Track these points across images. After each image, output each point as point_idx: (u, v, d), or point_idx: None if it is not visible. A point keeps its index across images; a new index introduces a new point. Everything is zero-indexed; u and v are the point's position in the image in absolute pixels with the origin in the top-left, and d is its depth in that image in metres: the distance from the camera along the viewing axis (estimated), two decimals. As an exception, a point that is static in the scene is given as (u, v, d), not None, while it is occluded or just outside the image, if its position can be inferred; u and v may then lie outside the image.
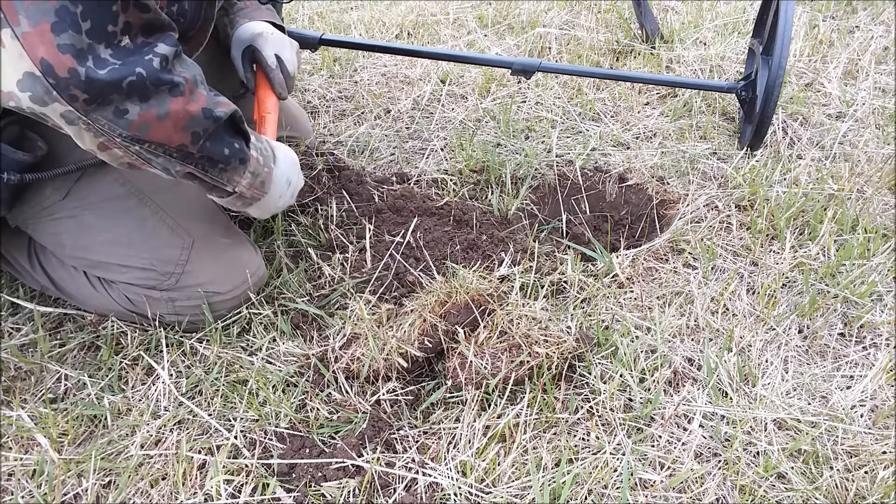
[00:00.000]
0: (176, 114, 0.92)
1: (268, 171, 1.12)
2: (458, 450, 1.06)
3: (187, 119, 0.94)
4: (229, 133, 1.03)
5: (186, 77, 0.94)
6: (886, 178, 1.65)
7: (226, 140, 1.02)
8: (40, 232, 1.20)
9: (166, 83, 0.90)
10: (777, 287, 1.35)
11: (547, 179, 1.68)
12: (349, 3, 2.73)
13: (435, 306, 1.17)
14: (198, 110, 0.95)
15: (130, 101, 0.88)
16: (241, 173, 1.08)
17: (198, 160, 0.99)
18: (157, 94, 0.90)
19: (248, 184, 1.10)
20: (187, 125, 0.94)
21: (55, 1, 0.80)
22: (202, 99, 0.96)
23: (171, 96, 0.91)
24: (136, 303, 1.22)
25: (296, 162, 1.24)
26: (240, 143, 1.05)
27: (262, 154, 1.11)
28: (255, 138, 1.11)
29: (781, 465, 1.03)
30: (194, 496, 1.00)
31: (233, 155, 1.04)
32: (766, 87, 1.59)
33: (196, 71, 0.98)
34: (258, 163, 1.10)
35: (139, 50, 0.88)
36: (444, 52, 1.80)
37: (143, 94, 0.89)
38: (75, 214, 1.16)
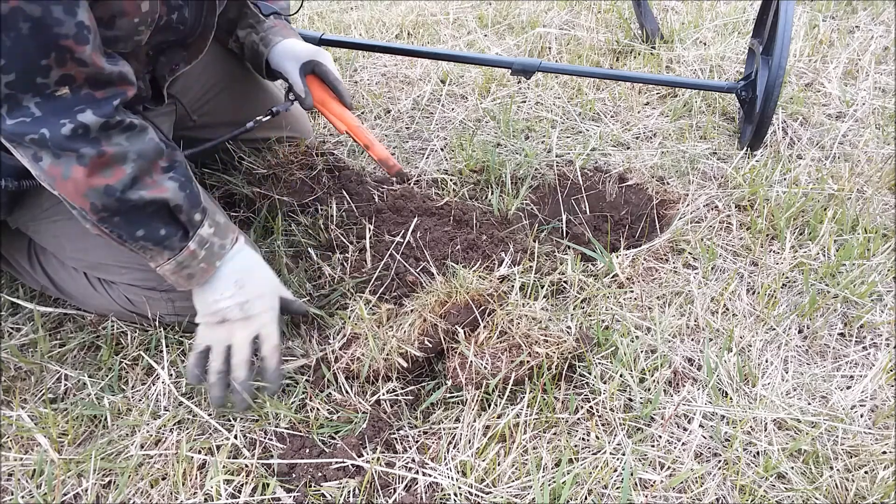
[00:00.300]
0: (76, 181, 0.94)
1: (205, 267, 1.07)
2: (458, 450, 1.06)
3: (87, 189, 0.95)
4: (154, 218, 1.02)
5: (107, 151, 0.94)
6: (886, 178, 1.65)
7: (144, 222, 1.01)
8: (40, 234, 1.20)
9: (71, 150, 0.92)
10: (777, 287, 1.35)
11: (547, 179, 1.68)
12: (349, 3, 2.73)
13: (435, 306, 1.17)
14: (101, 185, 0.95)
15: (44, 153, 0.92)
16: (165, 258, 1.05)
17: (106, 229, 1.00)
18: (65, 157, 0.92)
19: (170, 269, 1.06)
20: (86, 194, 0.95)
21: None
22: (116, 176, 0.95)
23: (76, 163, 0.93)
24: (136, 303, 1.22)
25: (266, 279, 1.15)
26: (169, 230, 1.03)
27: (208, 251, 1.06)
28: (214, 232, 1.07)
29: (781, 465, 1.03)
30: (194, 496, 1.00)
31: (151, 240, 1.02)
32: (766, 87, 1.60)
33: (135, 148, 0.97)
34: (192, 256, 1.05)
35: (68, 107, 0.90)
36: (444, 52, 1.80)
37: (52, 151, 0.92)
38: (74, 216, 1.16)
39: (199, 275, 1.07)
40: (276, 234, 1.45)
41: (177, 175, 1.03)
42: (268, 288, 1.14)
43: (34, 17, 0.83)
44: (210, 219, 1.08)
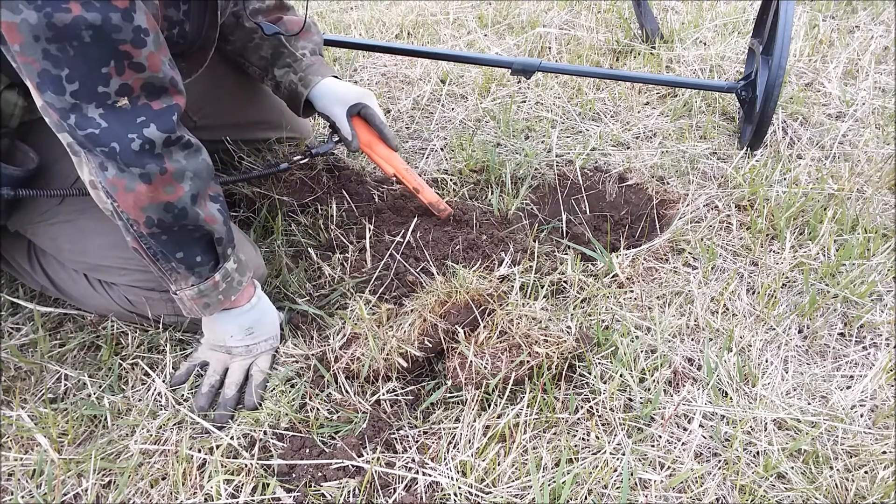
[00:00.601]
0: (139, 195, 0.96)
1: (221, 299, 1.10)
2: (458, 450, 1.06)
3: (148, 203, 0.97)
4: (197, 243, 1.05)
5: (169, 168, 0.96)
6: (886, 178, 1.65)
7: (188, 245, 1.04)
8: (39, 236, 1.20)
9: (137, 167, 0.94)
10: (777, 287, 1.35)
11: (547, 179, 1.68)
12: (349, 3, 2.73)
13: (435, 306, 1.17)
14: (162, 201, 0.97)
15: (111, 163, 0.94)
16: (189, 284, 1.07)
17: (149, 244, 1.02)
18: (131, 173, 0.94)
19: (190, 296, 1.08)
20: (146, 207, 0.97)
21: (38, 64, 0.85)
22: (177, 194, 0.98)
23: (141, 181, 0.95)
24: (136, 304, 1.22)
25: (272, 324, 1.20)
26: (205, 258, 1.06)
27: (228, 284, 1.10)
28: (236, 268, 1.11)
29: (781, 465, 1.03)
30: (194, 496, 1.00)
31: (186, 262, 1.04)
32: (766, 87, 1.59)
33: (191, 167, 0.99)
34: (214, 287, 1.08)
35: (133, 115, 0.92)
36: (444, 52, 1.80)
37: (119, 165, 0.93)
38: (72, 219, 1.16)
39: (215, 306, 1.10)
40: (276, 234, 1.45)
41: (222, 207, 1.07)
42: (273, 332, 1.21)
43: (95, 26, 0.84)
44: (235, 255, 1.11)
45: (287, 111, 1.58)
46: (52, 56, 0.85)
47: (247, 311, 1.15)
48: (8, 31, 0.83)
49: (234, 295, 1.12)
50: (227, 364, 1.18)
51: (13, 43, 0.84)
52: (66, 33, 0.83)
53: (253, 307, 1.16)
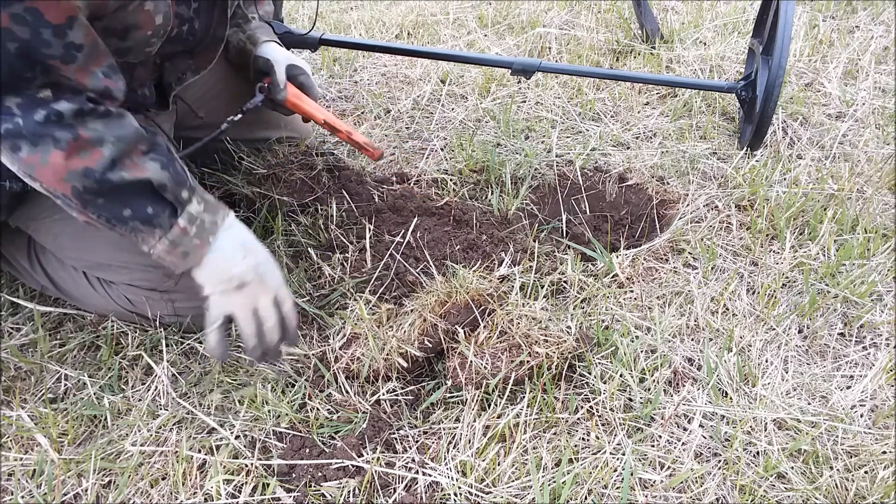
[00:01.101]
0: (54, 165, 0.94)
1: (198, 243, 1.05)
2: (458, 450, 1.06)
3: (66, 172, 0.95)
4: (140, 197, 1.01)
5: (82, 135, 0.94)
6: (886, 178, 1.65)
7: (129, 202, 1.00)
8: (41, 233, 1.20)
9: (46, 135, 0.92)
10: (777, 287, 1.35)
11: (547, 179, 1.68)
12: (349, 3, 2.73)
13: (435, 306, 1.17)
14: (79, 167, 0.95)
15: (21, 141, 0.91)
16: (156, 237, 1.03)
17: (92, 213, 0.99)
18: (42, 143, 0.92)
19: (164, 249, 1.04)
20: (66, 178, 0.95)
21: None
22: (93, 159, 0.95)
23: (53, 148, 0.93)
24: (136, 303, 1.22)
25: (262, 248, 1.12)
26: (157, 209, 1.02)
27: (199, 227, 1.05)
28: (204, 209, 1.06)
29: (781, 465, 1.03)
30: (194, 496, 1.00)
31: (139, 219, 1.01)
32: (766, 87, 1.59)
33: (112, 133, 0.97)
34: (184, 234, 1.04)
35: (47, 103, 0.91)
36: (444, 52, 1.80)
37: (30, 139, 0.91)
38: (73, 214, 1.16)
39: (194, 252, 1.06)
40: (276, 234, 1.45)
41: (157, 156, 1.02)
42: (268, 257, 1.13)
43: (23, 39, 0.85)
44: (198, 196, 1.06)
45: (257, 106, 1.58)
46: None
47: (226, 228, 1.09)
48: None
49: (211, 237, 1.06)
50: (254, 304, 1.08)
51: None
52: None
53: (232, 225, 1.10)
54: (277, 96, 1.41)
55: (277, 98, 1.42)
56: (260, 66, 1.42)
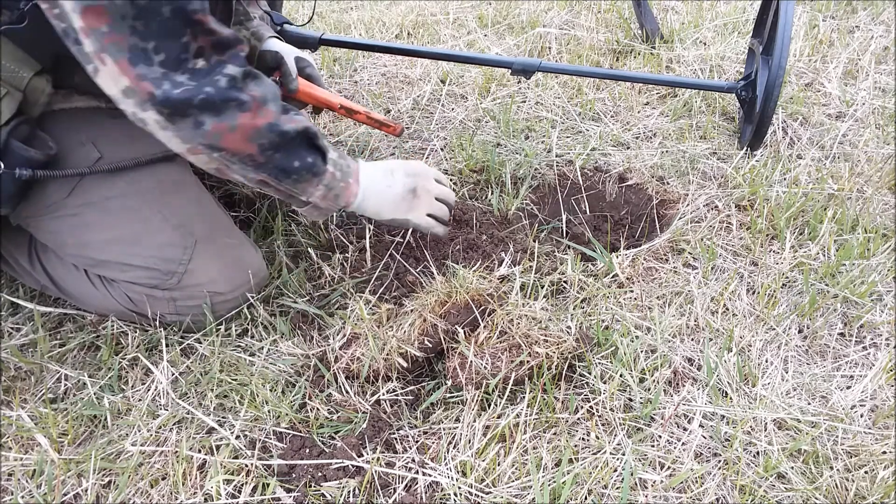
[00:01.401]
0: (243, 127, 1.02)
1: (344, 185, 1.17)
2: (458, 450, 1.06)
3: (252, 131, 1.03)
4: (303, 147, 1.11)
5: (255, 94, 1.03)
6: (886, 178, 1.65)
7: (297, 153, 1.10)
8: (42, 230, 1.20)
9: (233, 100, 1.00)
10: (777, 287, 1.35)
11: (547, 179, 1.68)
12: (349, 3, 2.73)
13: (435, 306, 1.17)
14: (263, 124, 1.04)
15: (205, 115, 0.99)
16: (315, 185, 1.14)
17: (269, 169, 1.08)
18: (227, 110, 1.00)
19: (321, 195, 1.15)
20: (252, 137, 1.03)
21: (126, 40, 0.92)
22: (270, 115, 1.05)
23: (239, 112, 1.01)
24: (137, 302, 1.22)
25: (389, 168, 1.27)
26: (314, 157, 1.12)
27: (340, 170, 1.17)
28: (338, 155, 1.18)
29: (781, 465, 1.03)
30: (194, 496, 1.00)
31: (304, 168, 1.11)
32: (766, 87, 1.60)
33: (269, 90, 1.06)
34: (333, 177, 1.15)
35: (212, 70, 0.99)
36: (444, 52, 1.80)
37: (215, 109, 0.99)
38: (78, 212, 1.17)
39: (343, 193, 1.18)
40: (276, 234, 1.45)
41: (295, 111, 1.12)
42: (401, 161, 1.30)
43: (173, 2, 0.92)
44: (330, 145, 1.18)
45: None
46: (139, 31, 0.91)
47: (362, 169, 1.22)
48: (95, 15, 0.89)
49: (350, 177, 1.19)
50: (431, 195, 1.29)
51: (100, 25, 0.90)
52: (147, 10, 0.91)
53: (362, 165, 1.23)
54: (290, 86, 1.42)
55: (290, 88, 1.42)
56: (268, 60, 1.43)
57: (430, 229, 1.31)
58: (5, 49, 1.01)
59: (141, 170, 1.19)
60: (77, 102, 1.16)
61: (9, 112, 1.02)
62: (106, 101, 1.21)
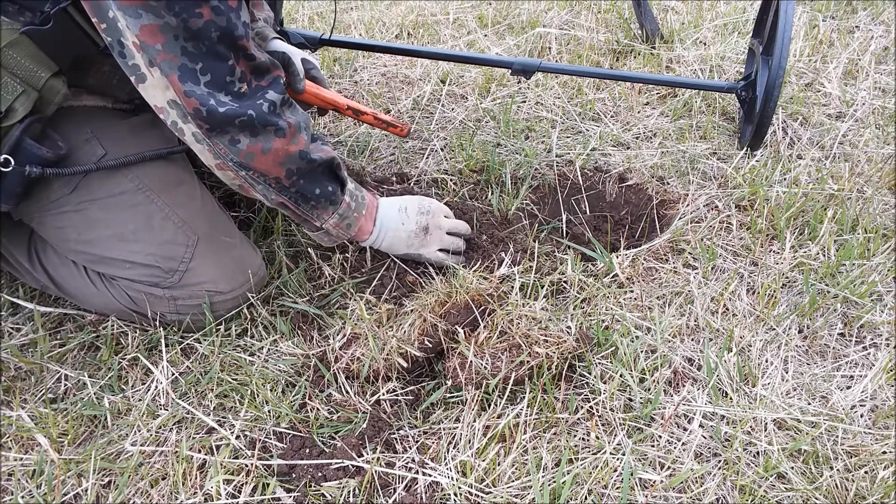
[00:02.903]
0: (276, 151, 1.08)
1: (357, 216, 1.24)
2: (458, 450, 1.06)
3: (285, 156, 1.10)
4: (325, 176, 1.18)
5: (291, 122, 1.09)
6: (886, 178, 1.65)
7: (320, 181, 1.17)
8: (45, 226, 1.20)
9: (272, 125, 1.07)
10: (777, 287, 1.35)
11: (547, 179, 1.68)
12: (349, 3, 2.73)
13: (435, 306, 1.17)
14: (295, 151, 1.11)
15: (243, 135, 1.05)
16: (330, 213, 1.20)
17: (291, 193, 1.14)
18: (264, 133, 1.07)
19: (334, 223, 1.22)
20: (284, 161, 1.10)
21: (178, 59, 0.98)
22: (302, 142, 1.11)
23: (275, 136, 1.08)
24: (137, 301, 1.22)
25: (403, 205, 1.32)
26: (333, 186, 1.19)
27: (355, 201, 1.24)
28: (355, 187, 1.25)
29: (781, 465, 1.03)
30: (194, 496, 1.00)
31: (323, 195, 1.17)
32: (766, 87, 1.59)
33: (302, 119, 1.13)
34: (348, 207, 1.22)
35: (253, 94, 1.06)
36: (444, 52, 1.80)
37: (253, 130, 1.06)
38: (82, 209, 1.17)
39: (355, 223, 1.25)
40: (276, 234, 1.45)
41: (324, 141, 1.19)
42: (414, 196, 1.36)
43: (221, 27, 0.98)
44: (346, 174, 1.23)
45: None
46: (189, 52, 0.98)
47: (380, 207, 1.30)
48: (150, 33, 0.95)
49: (363, 209, 1.26)
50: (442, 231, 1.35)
51: (154, 43, 0.96)
52: (198, 34, 0.97)
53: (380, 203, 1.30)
54: (297, 87, 1.43)
55: (297, 89, 1.43)
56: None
57: (442, 262, 1.35)
58: (26, 49, 1.02)
59: (144, 167, 1.19)
60: (85, 101, 1.17)
61: (24, 111, 1.03)
62: (113, 100, 1.22)
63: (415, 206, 1.33)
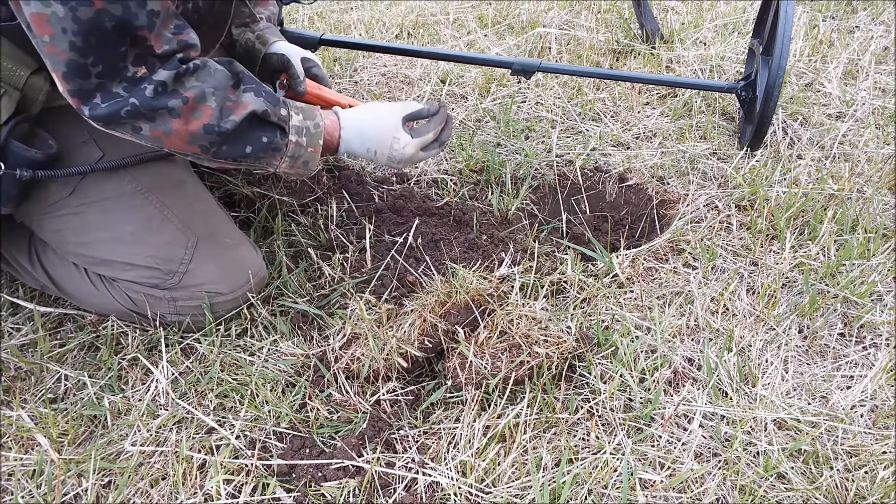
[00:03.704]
0: (177, 132, 1.03)
1: (312, 150, 1.16)
2: (458, 450, 1.06)
3: (189, 135, 1.03)
4: (254, 131, 1.09)
5: (189, 96, 1.01)
6: (886, 178, 1.65)
7: (247, 139, 1.09)
8: (44, 228, 1.20)
9: (162, 108, 1.00)
10: (777, 287, 1.35)
11: (547, 179, 1.68)
12: (349, 3, 2.73)
13: (435, 306, 1.17)
14: (198, 128, 1.03)
15: (140, 122, 1.00)
16: (278, 159, 1.13)
17: (221, 159, 1.09)
18: (160, 117, 1.01)
19: (287, 166, 1.15)
20: (190, 140, 1.04)
21: (65, 55, 0.92)
22: (206, 115, 1.03)
23: (170, 118, 1.01)
24: (137, 302, 1.22)
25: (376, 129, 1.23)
26: (269, 135, 1.11)
27: (305, 136, 1.15)
28: (302, 121, 1.15)
29: (781, 465, 1.03)
30: (194, 496, 1.00)
31: (259, 149, 1.10)
32: (766, 87, 1.59)
33: (208, 83, 1.04)
34: (298, 147, 1.14)
35: (145, 78, 0.99)
36: (444, 52, 1.80)
37: (146, 116, 1.00)
38: (80, 211, 1.17)
39: (312, 159, 1.17)
40: (276, 234, 1.45)
41: (247, 85, 1.09)
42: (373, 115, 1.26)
43: (116, 15, 0.92)
44: (293, 108, 1.15)
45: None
46: (78, 48, 0.91)
47: (343, 129, 1.21)
48: (38, 22, 0.89)
49: (319, 139, 1.16)
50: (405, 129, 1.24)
51: (42, 34, 0.90)
52: (90, 25, 0.90)
53: (346, 128, 1.22)
54: (298, 89, 1.42)
55: (298, 91, 1.42)
56: (273, 63, 1.42)
57: (430, 156, 1.29)
58: (2, 48, 1.00)
59: (142, 168, 1.18)
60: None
61: (7, 111, 1.02)
62: None
63: (375, 128, 1.23)
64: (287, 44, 1.47)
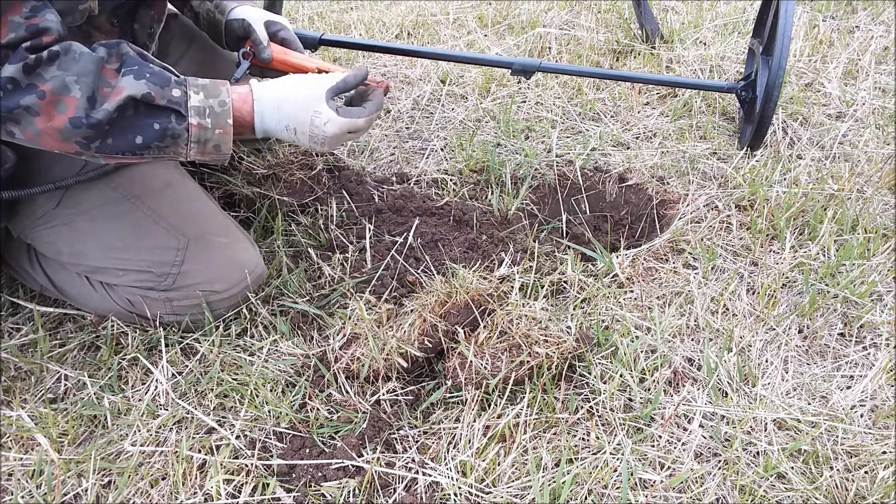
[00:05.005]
0: (45, 131, 0.91)
1: (222, 132, 1.01)
2: (458, 450, 1.06)
3: (57, 133, 0.92)
4: (139, 118, 0.96)
5: (46, 89, 0.89)
6: (886, 178, 1.65)
7: (135, 127, 0.95)
8: (39, 240, 1.20)
9: (16, 107, 0.89)
10: (777, 287, 1.35)
11: (547, 179, 1.68)
12: (349, 3, 2.73)
13: (435, 306, 1.17)
14: (63, 123, 0.91)
15: (9, 126, 0.90)
16: (182, 146, 0.99)
17: (113, 155, 0.96)
18: (22, 117, 0.90)
19: (196, 151, 1.01)
20: (63, 138, 0.92)
21: None
22: (71, 107, 0.91)
23: (32, 117, 0.90)
24: (135, 304, 1.22)
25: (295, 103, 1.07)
26: (161, 121, 0.96)
27: (210, 116, 0.99)
28: (203, 99, 0.99)
29: (781, 465, 1.03)
30: (194, 496, 1.00)
31: (152, 138, 0.96)
32: (766, 87, 1.59)
33: (70, 71, 0.91)
34: (202, 129, 0.99)
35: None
36: (444, 52, 1.79)
37: (9, 119, 0.89)
38: (69, 221, 1.16)
39: (223, 142, 1.02)
40: (276, 234, 1.45)
41: (127, 67, 0.95)
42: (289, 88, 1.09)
43: None
44: (193, 87, 1.00)
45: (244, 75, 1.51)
46: None
47: (257, 102, 1.05)
48: None
49: (228, 117, 1.01)
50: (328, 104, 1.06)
51: None
52: None
53: (261, 102, 1.05)
54: (262, 56, 1.29)
55: (263, 58, 1.29)
56: (235, 29, 1.31)
57: (356, 137, 1.14)
58: None
59: (127, 174, 1.17)
60: None
61: None
62: None
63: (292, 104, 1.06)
64: (249, 8, 1.33)
